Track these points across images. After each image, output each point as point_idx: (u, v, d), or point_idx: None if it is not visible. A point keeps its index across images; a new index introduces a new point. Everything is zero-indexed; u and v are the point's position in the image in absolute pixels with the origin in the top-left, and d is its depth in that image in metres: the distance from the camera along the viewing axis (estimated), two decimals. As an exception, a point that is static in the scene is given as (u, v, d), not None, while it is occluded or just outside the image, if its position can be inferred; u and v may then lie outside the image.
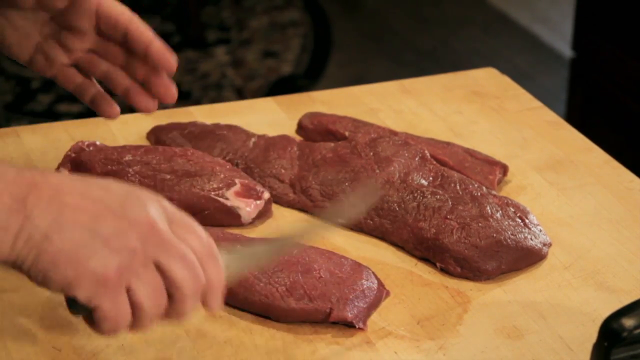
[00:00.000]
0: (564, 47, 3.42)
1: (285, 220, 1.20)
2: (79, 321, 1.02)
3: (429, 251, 1.13)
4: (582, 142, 1.36)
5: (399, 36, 3.70)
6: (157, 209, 0.84)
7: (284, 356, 1.00)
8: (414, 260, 1.14)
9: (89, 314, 0.84)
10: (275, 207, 1.21)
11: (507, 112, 1.43)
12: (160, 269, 0.83)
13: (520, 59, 3.52)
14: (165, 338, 1.01)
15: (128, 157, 1.21)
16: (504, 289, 1.10)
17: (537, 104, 1.45)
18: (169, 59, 1.08)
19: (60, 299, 1.06)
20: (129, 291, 0.82)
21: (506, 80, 1.51)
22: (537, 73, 3.43)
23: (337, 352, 1.01)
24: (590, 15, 2.62)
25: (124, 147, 1.23)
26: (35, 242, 0.80)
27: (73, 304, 0.84)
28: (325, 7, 3.87)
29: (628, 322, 0.83)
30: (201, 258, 0.85)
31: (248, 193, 1.18)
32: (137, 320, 0.83)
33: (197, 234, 0.86)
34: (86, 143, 1.24)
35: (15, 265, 0.81)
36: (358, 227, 1.18)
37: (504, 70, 1.55)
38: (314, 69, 3.50)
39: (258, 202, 1.17)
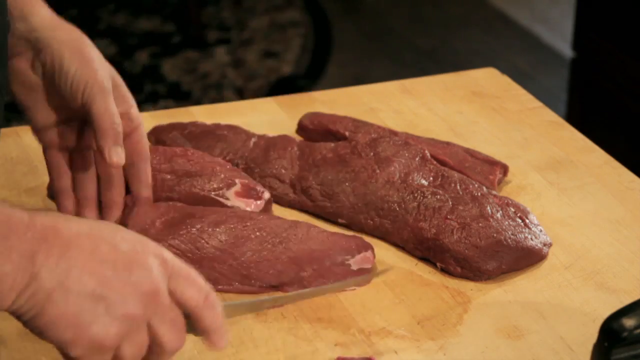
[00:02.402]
0: (564, 47, 3.42)
1: (286, 220, 1.19)
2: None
3: (429, 251, 1.13)
4: (582, 142, 1.36)
5: (399, 36, 3.70)
6: (160, 271, 0.86)
7: (284, 356, 1.00)
8: (414, 260, 1.14)
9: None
10: (275, 207, 1.21)
11: (507, 112, 1.43)
12: (150, 329, 0.86)
13: (521, 59, 3.52)
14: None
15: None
16: (504, 289, 1.10)
17: (537, 104, 1.45)
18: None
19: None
20: (117, 349, 0.85)
21: (506, 80, 1.51)
22: (537, 73, 3.43)
23: (337, 352, 1.01)
24: (590, 15, 2.62)
25: (124, 147, 1.23)
26: (39, 300, 0.81)
27: None
28: (326, 7, 3.87)
29: (628, 322, 0.83)
30: (199, 307, 0.87)
31: (248, 193, 1.18)
32: None
33: (196, 285, 0.88)
34: (86, 143, 1.24)
35: (14, 314, 0.82)
36: (358, 227, 1.18)
37: (504, 70, 1.55)
38: (314, 69, 3.50)
39: (258, 202, 1.17)
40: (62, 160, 1.12)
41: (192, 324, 0.89)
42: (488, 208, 1.15)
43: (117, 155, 1.06)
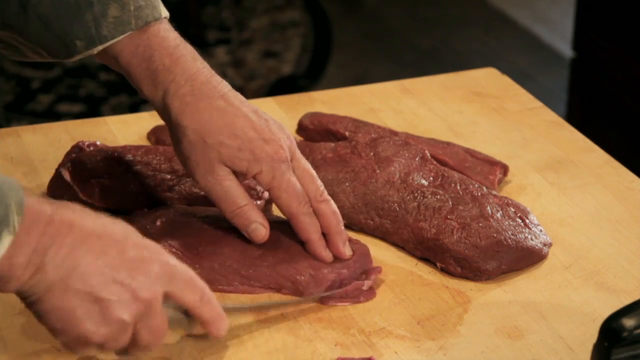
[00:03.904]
0: (564, 47, 3.42)
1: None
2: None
3: (429, 251, 1.13)
4: (583, 142, 1.36)
5: (399, 36, 3.70)
6: (161, 278, 0.90)
7: (284, 356, 1.00)
8: (414, 261, 1.14)
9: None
10: (275, 207, 1.21)
11: (507, 112, 1.43)
12: (133, 330, 0.90)
13: (521, 59, 3.52)
14: (165, 338, 1.01)
15: (128, 157, 1.20)
16: (504, 289, 1.10)
17: (537, 104, 1.45)
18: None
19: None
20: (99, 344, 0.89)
21: (506, 80, 1.51)
22: (538, 73, 3.43)
23: (337, 352, 1.01)
24: (591, 15, 2.62)
25: (124, 147, 1.23)
26: (40, 289, 0.86)
27: None
28: (326, 7, 3.87)
29: (628, 322, 0.83)
30: (196, 307, 0.92)
31: (248, 193, 1.18)
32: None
33: (194, 287, 0.92)
34: (86, 143, 1.24)
35: (16, 294, 0.88)
36: (358, 227, 1.18)
37: (504, 70, 1.55)
38: (314, 69, 3.50)
39: (258, 202, 1.17)
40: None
41: (192, 321, 0.95)
42: (488, 208, 1.15)
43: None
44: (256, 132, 1.07)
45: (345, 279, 1.08)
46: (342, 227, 1.10)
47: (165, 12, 1.09)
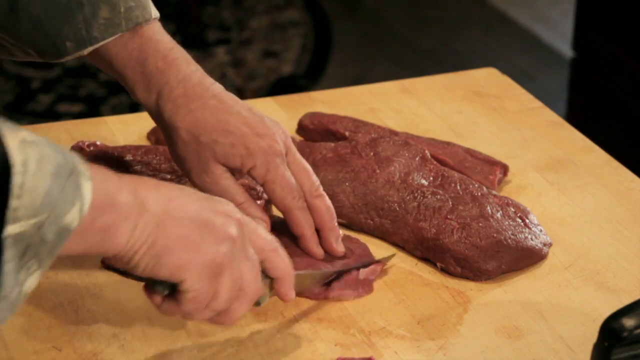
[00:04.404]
0: (564, 47, 3.42)
1: (286, 220, 1.19)
2: (79, 321, 1.03)
3: (429, 251, 1.13)
4: (583, 142, 1.36)
5: (399, 36, 3.70)
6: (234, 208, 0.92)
7: (284, 356, 1.00)
8: (414, 260, 1.14)
9: (168, 294, 0.90)
10: (275, 207, 1.21)
11: (507, 112, 1.43)
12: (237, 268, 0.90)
13: (521, 59, 3.52)
14: (165, 338, 1.01)
15: (128, 157, 1.21)
16: (504, 289, 1.10)
17: (537, 103, 1.45)
18: None
19: (60, 299, 1.06)
20: (219, 282, 0.89)
21: (506, 80, 1.51)
22: (538, 73, 3.43)
23: (337, 352, 1.01)
24: (591, 15, 2.62)
25: (124, 147, 1.23)
26: (151, 230, 0.85)
27: (155, 284, 0.90)
28: (326, 7, 3.87)
29: (628, 322, 0.83)
30: (268, 254, 0.94)
31: (248, 193, 1.18)
32: (209, 310, 0.91)
33: (265, 237, 0.95)
34: (86, 143, 1.24)
35: (124, 258, 0.86)
36: (358, 227, 1.18)
37: (504, 70, 1.55)
38: (314, 69, 3.49)
39: (258, 202, 1.17)
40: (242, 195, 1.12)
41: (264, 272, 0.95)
42: (488, 208, 1.15)
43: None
44: (249, 127, 1.07)
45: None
46: (336, 224, 1.11)
47: (155, 13, 1.09)
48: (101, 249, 0.83)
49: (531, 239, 1.13)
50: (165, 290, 0.90)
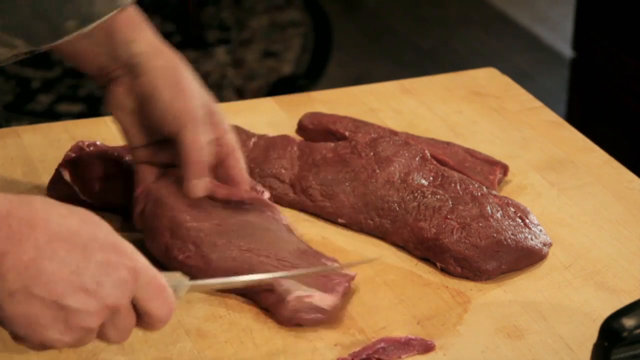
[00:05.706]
0: (564, 47, 3.42)
1: (286, 220, 1.19)
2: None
3: (429, 251, 1.13)
4: (582, 142, 1.36)
5: (399, 36, 3.70)
6: (128, 287, 0.85)
7: (284, 356, 1.00)
8: (414, 260, 1.14)
9: None
10: (280, 209, 1.21)
11: (507, 112, 1.43)
12: (100, 329, 0.86)
13: (521, 59, 3.52)
14: (165, 338, 1.01)
15: (128, 157, 1.20)
16: (504, 289, 1.10)
17: (537, 103, 1.45)
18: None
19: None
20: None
21: (506, 80, 1.51)
22: (537, 73, 3.43)
23: (337, 352, 1.01)
24: (590, 15, 2.62)
25: (124, 147, 1.23)
26: (2, 296, 0.81)
27: None
28: (326, 7, 3.87)
29: (628, 322, 0.83)
30: (159, 320, 0.88)
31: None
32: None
33: (162, 298, 0.87)
34: (86, 143, 1.24)
35: None
36: (358, 227, 1.18)
37: (504, 70, 1.55)
38: (314, 69, 3.50)
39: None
40: (152, 176, 1.14)
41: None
42: (488, 208, 1.15)
43: (197, 189, 1.10)
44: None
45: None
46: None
47: None
48: None
49: (531, 239, 1.13)
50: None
